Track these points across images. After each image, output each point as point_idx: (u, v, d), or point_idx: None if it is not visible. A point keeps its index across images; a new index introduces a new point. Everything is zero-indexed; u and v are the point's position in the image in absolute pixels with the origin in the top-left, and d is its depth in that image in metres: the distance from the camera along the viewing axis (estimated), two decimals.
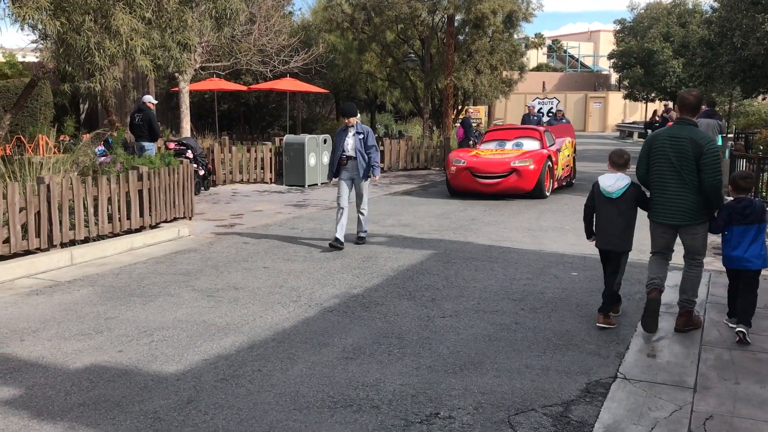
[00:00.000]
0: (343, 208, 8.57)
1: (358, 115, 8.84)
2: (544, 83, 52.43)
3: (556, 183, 13.59)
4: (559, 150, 14.05)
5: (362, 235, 8.89)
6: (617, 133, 41.78)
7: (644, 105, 45.57)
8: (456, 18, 21.59)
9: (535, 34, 25.84)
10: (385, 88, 26.95)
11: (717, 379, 4.40)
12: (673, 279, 6.98)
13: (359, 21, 22.32)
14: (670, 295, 6.36)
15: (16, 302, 6.13)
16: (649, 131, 24.45)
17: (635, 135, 36.81)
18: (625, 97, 44.09)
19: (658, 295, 5.25)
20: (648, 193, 5.48)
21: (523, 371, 4.55)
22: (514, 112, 46.86)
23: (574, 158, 15.59)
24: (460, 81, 21.47)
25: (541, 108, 48.79)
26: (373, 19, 22.49)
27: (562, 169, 14.17)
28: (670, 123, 17.13)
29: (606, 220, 5.53)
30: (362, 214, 8.83)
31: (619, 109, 48.71)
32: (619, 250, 5.54)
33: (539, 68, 55.68)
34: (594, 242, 5.74)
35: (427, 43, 22.93)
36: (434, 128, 23.29)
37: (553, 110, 48.66)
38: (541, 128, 14.73)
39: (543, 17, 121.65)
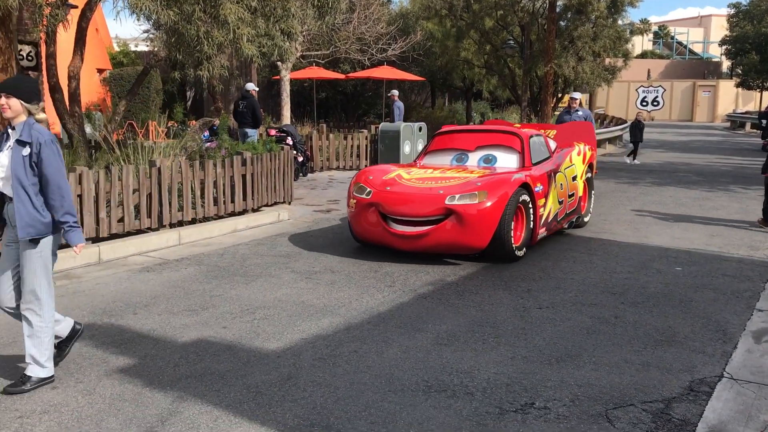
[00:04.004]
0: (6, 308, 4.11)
1: (39, 102, 4.00)
2: (649, 71, 50.38)
3: (543, 229, 7.79)
4: (555, 170, 8.22)
5: (28, 378, 3.97)
6: (727, 124, 39.67)
7: (759, 94, 42.97)
8: (558, 3, 21.06)
9: (641, 20, 24.76)
10: (482, 76, 26.67)
11: None
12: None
13: (458, 8, 22.17)
14: None
15: (129, 278, 6.52)
16: (765, 121, 23.06)
17: (747, 126, 34.81)
18: (738, 85, 41.74)
19: None
20: None
21: (622, 366, 4.43)
22: (617, 102, 45.35)
23: (589, 181, 9.44)
24: (560, 68, 20.96)
25: (645, 96, 47.01)
26: (472, 6, 22.28)
27: (560, 202, 8.24)
28: None
29: None
30: (27, 317, 3.98)
31: (731, 99, 46.15)
32: None
33: (644, 55, 53.55)
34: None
35: (526, 29, 22.50)
36: (532, 116, 22.86)
37: (658, 99, 46.93)
38: (528, 132, 8.56)
39: (650, 2, 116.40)
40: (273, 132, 13.87)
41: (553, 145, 9.05)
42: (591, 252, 7.71)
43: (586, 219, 9.32)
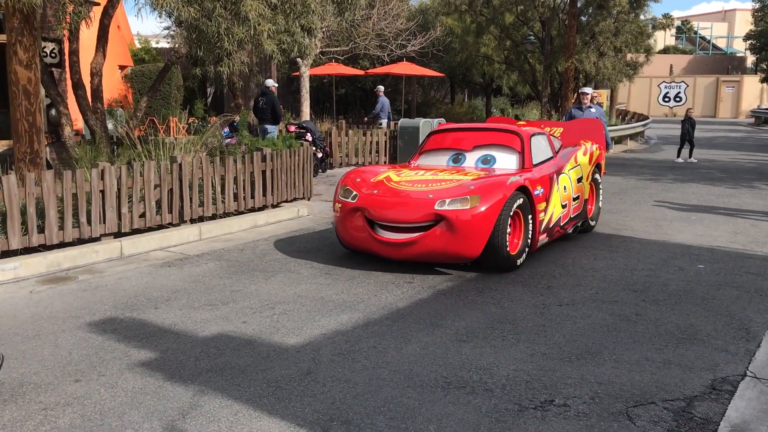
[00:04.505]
0: None
1: None
2: (671, 66, 49.83)
3: (544, 236, 7.27)
4: (558, 171, 7.69)
5: None
6: (752, 120, 39.12)
7: None
8: None
9: (663, 15, 24.52)
10: (502, 72, 26.53)
11: None
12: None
13: (478, 3, 22.08)
14: None
15: (151, 273, 6.58)
16: None
17: None
18: (763, 80, 41.13)
19: None
20: None
21: (643, 363, 4.39)
22: (638, 97, 44.90)
23: (596, 183, 8.82)
24: (581, 64, 20.81)
25: (667, 92, 46.51)
26: (492, 1, 22.18)
27: (563, 206, 7.67)
28: None
29: None
30: None
31: (755, 94, 45.48)
32: None
33: (666, 50, 52.96)
34: None
35: (547, 24, 22.35)
36: (552, 112, 22.71)
37: (681, 95, 46.36)
38: (529, 130, 7.92)
39: None
40: (292, 128, 13.91)
41: (557, 144, 8.45)
42: (612, 249, 7.65)
43: (593, 223, 8.69)
